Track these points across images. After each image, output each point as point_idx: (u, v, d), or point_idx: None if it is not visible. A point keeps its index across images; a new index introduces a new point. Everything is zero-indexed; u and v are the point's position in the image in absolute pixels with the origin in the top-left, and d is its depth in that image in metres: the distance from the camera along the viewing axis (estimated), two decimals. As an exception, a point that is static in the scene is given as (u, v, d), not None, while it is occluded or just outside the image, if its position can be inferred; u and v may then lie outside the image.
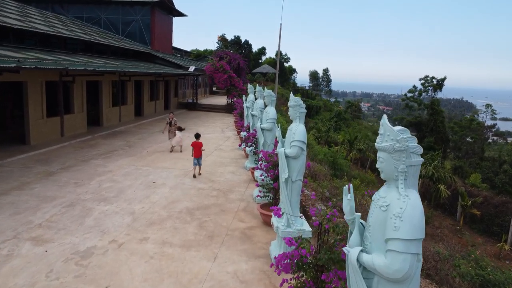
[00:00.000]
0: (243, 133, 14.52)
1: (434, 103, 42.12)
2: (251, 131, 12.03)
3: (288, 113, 6.12)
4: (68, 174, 10.65)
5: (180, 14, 36.09)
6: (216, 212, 8.32)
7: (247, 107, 14.94)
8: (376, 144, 2.93)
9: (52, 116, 15.64)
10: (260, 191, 7.86)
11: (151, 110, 26.87)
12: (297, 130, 5.79)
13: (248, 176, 11.40)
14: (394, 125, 2.95)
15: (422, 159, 2.81)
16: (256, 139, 10.46)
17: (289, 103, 6.05)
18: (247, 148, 11.62)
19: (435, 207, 22.60)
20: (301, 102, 6.01)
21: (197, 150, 10.98)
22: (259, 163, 8.22)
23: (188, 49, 54.96)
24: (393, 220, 2.63)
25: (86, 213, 7.91)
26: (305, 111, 6.04)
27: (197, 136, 11.44)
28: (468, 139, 47.22)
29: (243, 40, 56.27)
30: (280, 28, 43.71)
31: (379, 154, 2.89)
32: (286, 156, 5.87)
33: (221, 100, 34.86)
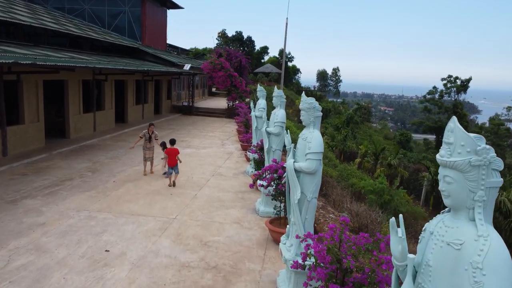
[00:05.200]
0: (251, 155, 10.35)
1: (458, 106, 37.89)
2: (269, 162, 7.74)
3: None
4: (-33, 234, 6.47)
5: (175, 6, 32.14)
6: None
7: (256, 116, 10.75)
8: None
9: (-11, 128, 11.50)
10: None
11: (138, 116, 22.63)
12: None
13: (263, 230, 7.24)
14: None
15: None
16: (282, 178, 6.25)
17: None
18: (262, 189, 7.36)
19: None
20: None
21: (172, 158, 9.68)
22: (301, 256, 4.03)
23: (187, 47, 50.63)
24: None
25: None
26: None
27: (172, 142, 10.12)
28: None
29: (245, 36, 52.05)
30: (286, 23, 39.56)
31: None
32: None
33: (221, 103, 30.67)
